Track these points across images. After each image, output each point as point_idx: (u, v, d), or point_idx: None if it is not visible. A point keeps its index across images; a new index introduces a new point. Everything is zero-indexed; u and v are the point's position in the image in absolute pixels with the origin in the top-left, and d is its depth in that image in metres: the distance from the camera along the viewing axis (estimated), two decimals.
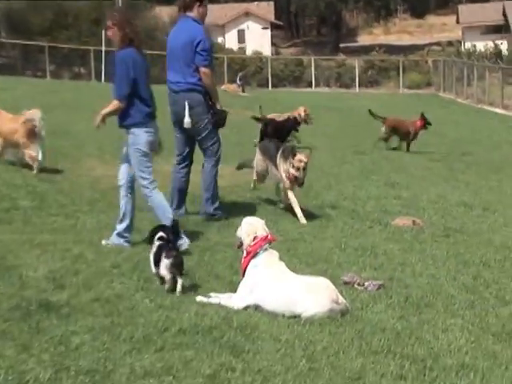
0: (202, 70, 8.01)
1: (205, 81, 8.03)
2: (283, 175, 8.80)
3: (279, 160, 8.91)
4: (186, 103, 8.04)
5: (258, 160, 9.57)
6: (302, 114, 15.68)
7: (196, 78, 8.04)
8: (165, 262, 5.73)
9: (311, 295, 5.33)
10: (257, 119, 14.77)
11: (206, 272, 6.38)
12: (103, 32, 36.55)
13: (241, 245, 5.75)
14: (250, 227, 5.74)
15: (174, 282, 5.71)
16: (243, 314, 5.32)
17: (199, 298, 5.59)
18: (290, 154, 8.76)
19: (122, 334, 4.80)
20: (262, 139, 14.48)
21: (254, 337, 4.88)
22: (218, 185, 8.48)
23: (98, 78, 38.72)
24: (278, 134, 14.61)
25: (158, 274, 5.87)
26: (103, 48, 36.93)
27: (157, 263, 5.84)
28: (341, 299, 5.43)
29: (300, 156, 8.77)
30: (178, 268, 5.73)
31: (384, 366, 4.57)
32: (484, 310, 5.85)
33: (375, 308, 5.66)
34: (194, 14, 8.13)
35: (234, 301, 5.50)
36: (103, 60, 37.58)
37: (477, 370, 4.60)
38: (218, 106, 8.17)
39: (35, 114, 10.40)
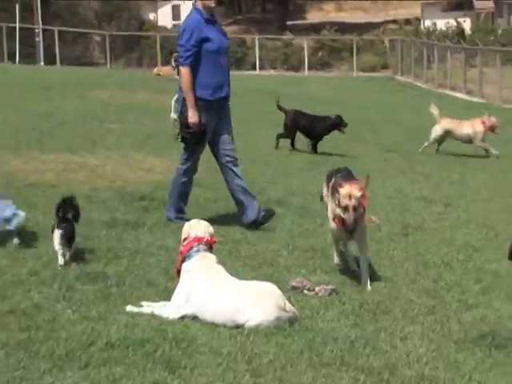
0: (179, 67, 8.18)
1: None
2: (330, 216, 6.87)
3: (329, 193, 6.86)
4: (173, 100, 8.24)
5: (325, 196, 7.24)
6: (487, 122, 15.58)
7: None
8: (55, 234, 6.39)
9: (255, 302, 5.34)
10: (280, 108, 14.59)
11: (137, 278, 6.34)
12: (17, 6, 35.98)
13: None
14: (186, 228, 5.80)
15: (63, 254, 6.39)
16: (179, 324, 5.31)
17: (129, 308, 5.56)
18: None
19: (41, 349, 4.74)
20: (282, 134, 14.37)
21: (192, 350, 4.87)
22: (184, 197, 8.34)
23: (12, 58, 38.05)
24: (300, 129, 14.32)
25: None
26: (17, 25, 36.29)
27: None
28: (288, 306, 5.46)
29: (348, 189, 6.48)
30: (66, 239, 6.38)
31: (337, 379, 4.62)
32: (445, 315, 5.96)
33: (327, 315, 5.72)
34: (198, 2, 8.22)
35: (169, 310, 5.48)
36: (17, 38, 36.95)
37: (438, 382, 4.69)
38: (190, 113, 7.93)
39: None
